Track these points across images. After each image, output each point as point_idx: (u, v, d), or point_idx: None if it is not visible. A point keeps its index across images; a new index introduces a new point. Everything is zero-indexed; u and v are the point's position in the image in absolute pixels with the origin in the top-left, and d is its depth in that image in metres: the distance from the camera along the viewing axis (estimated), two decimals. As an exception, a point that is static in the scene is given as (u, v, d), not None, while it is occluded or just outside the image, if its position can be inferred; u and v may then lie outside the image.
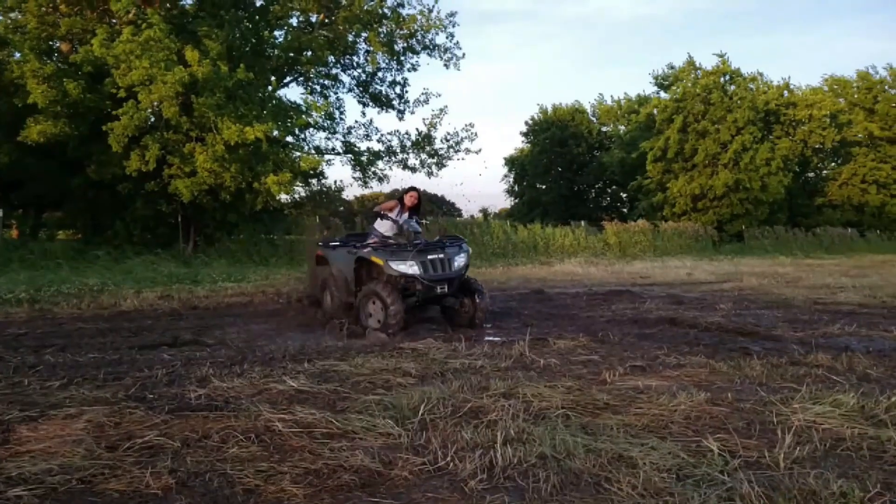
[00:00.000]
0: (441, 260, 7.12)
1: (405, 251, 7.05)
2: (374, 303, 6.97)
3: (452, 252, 7.29)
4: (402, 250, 7.07)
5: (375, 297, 6.95)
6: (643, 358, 5.55)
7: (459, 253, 7.36)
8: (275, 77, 16.73)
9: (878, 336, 6.84)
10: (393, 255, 7.01)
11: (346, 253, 7.69)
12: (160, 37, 12.94)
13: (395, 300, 6.81)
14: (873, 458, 3.09)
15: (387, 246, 7.22)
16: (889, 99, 39.40)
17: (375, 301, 6.95)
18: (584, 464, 3.01)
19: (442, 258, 7.14)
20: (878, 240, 35.29)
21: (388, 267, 6.97)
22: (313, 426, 3.59)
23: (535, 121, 41.10)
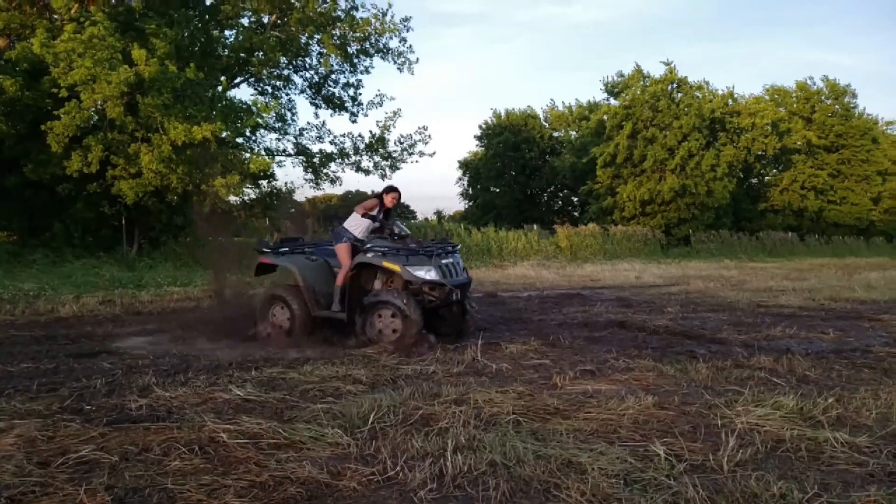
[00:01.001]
0: (452, 265, 6.71)
1: (419, 255, 6.48)
2: (380, 315, 6.34)
3: (458, 257, 6.95)
4: (416, 254, 6.49)
5: (388, 307, 6.30)
6: (593, 362, 5.62)
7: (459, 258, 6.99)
8: (225, 77, 16.38)
9: (817, 338, 7.10)
10: (409, 260, 6.40)
11: (310, 259, 6.95)
12: (104, 35, 12.51)
13: (415, 309, 6.25)
14: (811, 459, 3.18)
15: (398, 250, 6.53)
16: (825, 109, 41.14)
17: (385, 312, 6.32)
18: (533, 470, 3.01)
19: (452, 263, 6.72)
20: (816, 244, 36.72)
21: (407, 273, 6.35)
22: (259, 437, 3.50)
23: (488, 125, 41.35)
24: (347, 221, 7.01)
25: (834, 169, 40.38)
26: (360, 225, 6.88)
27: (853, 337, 7.21)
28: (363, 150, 17.96)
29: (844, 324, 8.30)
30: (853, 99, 41.88)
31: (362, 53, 17.24)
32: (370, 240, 6.71)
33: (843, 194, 40.27)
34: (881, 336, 7.30)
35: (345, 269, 6.63)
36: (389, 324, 6.34)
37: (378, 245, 6.57)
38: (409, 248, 6.58)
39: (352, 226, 6.92)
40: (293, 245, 7.33)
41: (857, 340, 6.96)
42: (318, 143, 18.17)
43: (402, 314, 6.25)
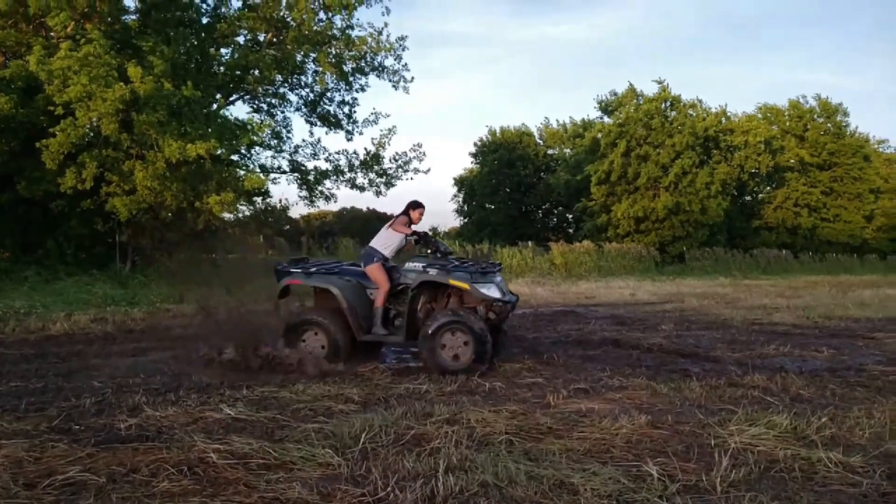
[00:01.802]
0: (503, 283, 6.51)
1: (484, 273, 6.25)
2: (451, 337, 5.97)
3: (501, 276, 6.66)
4: (481, 272, 6.25)
5: (461, 328, 5.96)
6: (587, 380, 5.60)
7: None
8: (221, 95, 16.45)
9: (810, 356, 7.10)
10: (474, 278, 6.10)
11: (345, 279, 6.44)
12: (100, 53, 12.54)
13: (486, 329, 5.98)
14: (805, 479, 3.17)
15: (458, 268, 6.24)
16: (818, 127, 41.51)
17: (458, 333, 5.95)
18: (525, 491, 2.99)
19: (501, 281, 6.50)
20: (810, 261, 36.82)
21: (476, 291, 6.04)
22: (249, 457, 3.47)
23: (483, 142, 41.55)
24: (376, 241, 6.61)
25: (827, 187, 40.64)
26: (390, 244, 6.56)
27: (847, 355, 7.21)
28: (358, 168, 17.99)
29: (838, 342, 8.30)
30: (845, 117, 42.28)
31: (358, 72, 17.33)
32: (413, 258, 6.44)
33: (836, 212, 40.50)
34: (875, 354, 7.30)
35: (383, 289, 6.29)
36: (460, 346, 5.96)
37: (436, 263, 6.24)
38: (471, 266, 6.36)
39: (381, 245, 6.55)
40: (305, 265, 6.78)
41: (850, 359, 6.96)
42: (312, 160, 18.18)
43: (475, 336, 5.91)
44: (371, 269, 6.38)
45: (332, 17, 16.37)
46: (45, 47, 13.32)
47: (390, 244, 6.56)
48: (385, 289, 6.30)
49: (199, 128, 13.54)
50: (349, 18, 16.56)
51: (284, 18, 16.15)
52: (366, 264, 6.46)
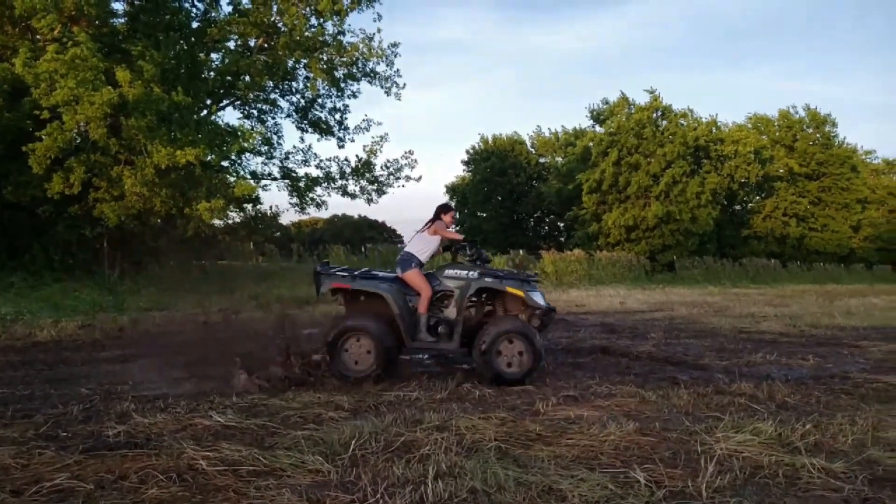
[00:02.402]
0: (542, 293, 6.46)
1: (528, 282, 6.22)
2: (511, 342, 5.90)
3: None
4: (528, 280, 6.24)
5: (518, 337, 5.89)
6: (576, 387, 5.63)
7: None
8: (211, 100, 16.41)
9: (797, 364, 7.17)
10: (525, 286, 6.08)
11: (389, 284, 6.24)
12: (87, 56, 12.50)
13: (539, 338, 6.00)
14: (788, 485, 3.20)
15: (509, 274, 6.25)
16: (807, 137, 41.98)
17: (515, 342, 5.89)
18: (514, 497, 3.01)
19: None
20: (798, 270, 37.15)
21: (530, 299, 6.02)
22: (239, 464, 3.47)
23: (475, 150, 41.71)
24: (413, 246, 6.39)
25: (815, 197, 41.07)
26: (427, 249, 6.35)
27: (832, 363, 7.29)
28: (349, 175, 17.99)
29: (824, 350, 8.39)
30: (833, 128, 42.82)
31: (349, 78, 17.36)
32: (449, 265, 6.32)
33: (824, 221, 40.92)
34: (859, 362, 7.39)
35: (426, 295, 6.08)
36: (514, 355, 5.90)
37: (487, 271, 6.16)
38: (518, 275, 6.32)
39: (418, 250, 6.32)
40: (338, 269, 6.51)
41: (835, 367, 7.03)
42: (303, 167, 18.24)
43: (531, 344, 5.87)
44: (411, 275, 6.14)
45: (324, 23, 16.39)
46: (32, 50, 13.27)
47: (427, 249, 6.35)
48: (428, 295, 6.08)
49: (189, 134, 13.51)
50: (341, 24, 16.62)
51: (275, 24, 16.16)
52: (403, 270, 6.18)
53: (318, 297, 6.41)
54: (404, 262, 6.24)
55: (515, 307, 6.26)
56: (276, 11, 15.82)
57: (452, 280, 6.17)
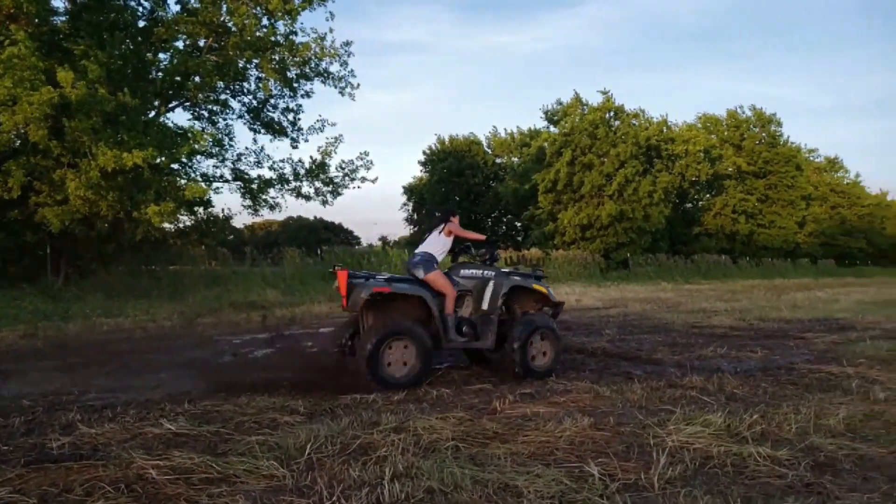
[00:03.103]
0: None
1: (540, 277, 6.48)
2: (542, 338, 6.13)
3: None
4: (539, 276, 6.49)
5: (545, 332, 6.12)
6: (532, 385, 5.67)
7: None
8: (159, 102, 15.98)
9: (746, 357, 7.38)
10: (542, 283, 6.33)
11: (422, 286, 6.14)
12: (25, 55, 12.02)
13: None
14: (736, 474, 3.29)
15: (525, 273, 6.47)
16: (753, 136, 43.35)
17: (544, 337, 6.13)
18: (471, 496, 3.01)
19: None
20: (747, 266, 38.31)
21: (552, 296, 6.32)
22: (191, 471, 3.38)
23: (432, 150, 41.75)
24: (430, 247, 6.25)
25: (762, 194, 42.43)
26: (443, 249, 6.29)
27: (779, 355, 7.53)
28: (303, 176, 17.74)
29: (771, 342, 8.67)
30: (779, 127, 44.32)
31: (302, 78, 17.11)
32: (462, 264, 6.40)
33: (771, 218, 42.30)
34: (804, 353, 7.65)
35: (452, 295, 6.02)
36: (540, 350, 6.13)
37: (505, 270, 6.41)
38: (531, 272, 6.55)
39: (436, 251, 6.23)
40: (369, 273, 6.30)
41: (782, 358, 7.27)
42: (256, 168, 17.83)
43: (556, 338, 6.19)
44: (435, 276, 6.02)
45: (276, 23, 16.12)
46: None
47: (444, 250, 6.31)
48: (453, 295, 6.03)
49: (137, 136, 13.13)
50: (292, 24, 16.37)
51: (225, 23, 15.82)
52: (427, 271, 6.02)
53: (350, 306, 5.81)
54: (426, 263, 6.07)
55: (529, 303, 6.44)
56: (225, 11, 15.48)
57: (468, 279, 6.25)
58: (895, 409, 4.52)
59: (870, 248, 51.41)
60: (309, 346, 8.01)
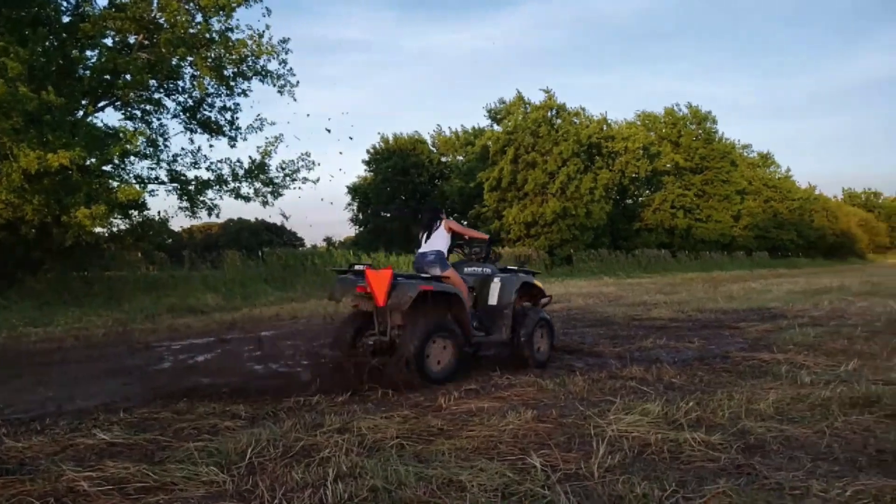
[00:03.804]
0: None
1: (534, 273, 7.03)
2: (542, 330, 6.65)
3: None
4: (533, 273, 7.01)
5: (544, 325, 6.68)
6: (477, 380, 5.71)
7: None
8: (88, 101, 15.30)
9: (684, 347, 7.63)
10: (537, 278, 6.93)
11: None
12: (-64, 51, 11.34)
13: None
14: (672, 459, 3.40)
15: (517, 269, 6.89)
16: (690, 133, 44.78)
17: (544, 329, 6.69)
18: (415, 492, 3.01)
19: None
20: (686, 259, 39.59)
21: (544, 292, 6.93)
22: (126, 481, 3.27)
23: (376, 150, 41.47)
24: (439, 244, 6.29)
25: (699, 189, 43.89)
26: (447, 246, 6.38)
27: (715, 344, 7.81)
28: (242, 177, 17.30)
29: (708, 332, 8.98)
30: (714, 124, 45.94)
31: (239, 76, 16.68)
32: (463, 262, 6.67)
33: (708, 213, 43.80)
34: (738, 342, 7.96)
35: (466, 291, 6.17)
36: (541, 341, 6.60)
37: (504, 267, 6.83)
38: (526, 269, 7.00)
39: (445, 248, 6.32)
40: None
41: (717, 347, 7.54)
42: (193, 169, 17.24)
43: (552, 331, 6.79)
44: (451, 273, 6.10)
45: (210, 19, 15.66)
46: None
47: (448, 246, 6.42)
48: (466, 291, 6.18)
49: (63, 136, 12.54)
50: (227, 20, 15.93)
51: (156, 19, 15.28)
52: (444, 269, 6.11)
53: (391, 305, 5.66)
54: (442, 260, 6.16)
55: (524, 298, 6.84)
56: (156, 6, 14.93)
57: (471, 276, 6.51)
58: (820, 391, 4.74)
59: (800, 240, 53.84)
60: (251, 349, 7.86)
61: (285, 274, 18.80)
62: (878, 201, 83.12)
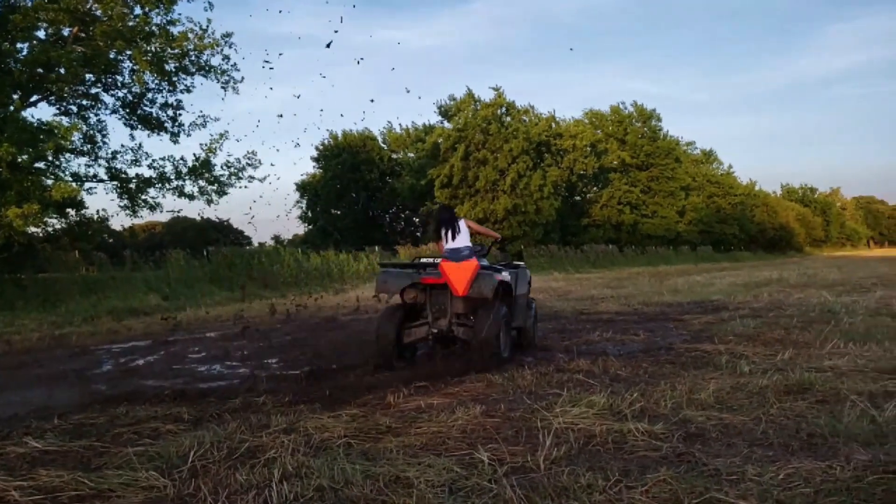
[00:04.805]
0: None
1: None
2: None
3: None
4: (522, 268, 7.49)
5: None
6: (427, 377, 5.69)
7: None
8: (19, 95, 14.58)
9: (629, 340, 7.78)
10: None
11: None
12: None
13: None
14: (616, 450, 3.46)
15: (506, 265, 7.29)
16: (636, 131, 45.78)
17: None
18: (361, 490, 2.98)
19: None
20: (633, 254, 40.47)
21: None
22: (60, 490, 3.14)
23: (326, 146, 41.02)
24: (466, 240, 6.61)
25: (645, 186, 44.94)
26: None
27: (659, 336, 7.99)
28: (186, 175, 16.80)
29: (653, 325, 9.18)
30: (658, 122, 47.07)
31: (181, 71, 16.20)
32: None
33: (653, 208, 44.89)
34: (682, 334, 8.16)
35: None
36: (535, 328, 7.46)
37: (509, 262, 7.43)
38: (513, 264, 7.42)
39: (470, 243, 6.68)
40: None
41: (662, 339, 7.72)
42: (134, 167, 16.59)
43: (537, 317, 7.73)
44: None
45: (149, 12, 15.13)
46: None
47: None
48: None
49: (-8, 132, 11.96)
50: (166, 13, 15.43)
51: (92, 11, 14.67)
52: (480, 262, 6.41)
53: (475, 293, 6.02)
54: (477, 255, 6.50)
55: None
56: (91, -3, 14.36)
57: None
58: (757, 380, 4.90)
59: (742, 234, 55.67)
60: (196, 351, 7.67)
61: (231, 274, 18.41)
62: (813, 196, 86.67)
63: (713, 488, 2.81)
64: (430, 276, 6.09)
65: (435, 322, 6.36)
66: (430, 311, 6.37)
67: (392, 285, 6.25)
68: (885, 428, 3.61)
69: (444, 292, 6.26)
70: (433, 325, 6.35)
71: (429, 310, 6.38)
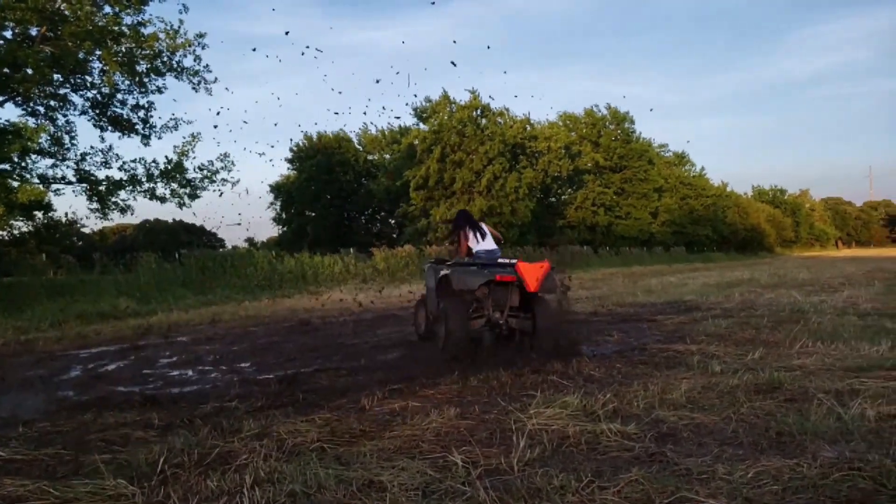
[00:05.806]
0: None
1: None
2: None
3: None
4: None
5: None
6: (402, 380, 5.67)
7: None
8: (-16, 96, 14.29)
9: (603, 341, 7.83)
10: None
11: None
12: None
13: None
14: (589, 451, 3.48)
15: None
16: (609, 133, 46.25)
17: None
18: (334, 495, 2.96)
19: None
20: (607, 255, 40.81)
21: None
22: (24, 500, 3.08)
23: (300, 147, 40.72)
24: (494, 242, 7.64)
25: (619, 187, 45.37)
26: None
27: (633, 337, 8.04)
28: (158, 177, 16.55)
29: (627, 326, 9.25)
30: (632, 125, 47.55)
31: (153, 72, 15.97)
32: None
33: (627, 210, 45.34)
34: (655, 334, 8.23)
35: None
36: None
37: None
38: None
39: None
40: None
41: (635, 340, 7.77)
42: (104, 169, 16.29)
43: None
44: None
45: (119, 12, 14.89)
46: None
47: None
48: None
49: (-43, 133, 11.68)
50: (137, 13, 15.20)
51: (60, 10, 14.39)
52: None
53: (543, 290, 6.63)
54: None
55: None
56: (59, -4, 14.09)
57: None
58: (728, 379, 4.97)
59: (714, 235, 56.43)
60: (167, 355, 7.56)
61: (204, 277, 18.17)
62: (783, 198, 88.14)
63: (684, 488, 2.84)
64: (505, 274, 6.62)
65: (493, 315, 6.93)
66: (489, 306, 6.93)
67: (470, 282, 6.69)
68: (851, 425, 3.69)
69: (506, 289, 6.87)
70: (491, 317, 6.90)
71: (489, 305, 6.93)
